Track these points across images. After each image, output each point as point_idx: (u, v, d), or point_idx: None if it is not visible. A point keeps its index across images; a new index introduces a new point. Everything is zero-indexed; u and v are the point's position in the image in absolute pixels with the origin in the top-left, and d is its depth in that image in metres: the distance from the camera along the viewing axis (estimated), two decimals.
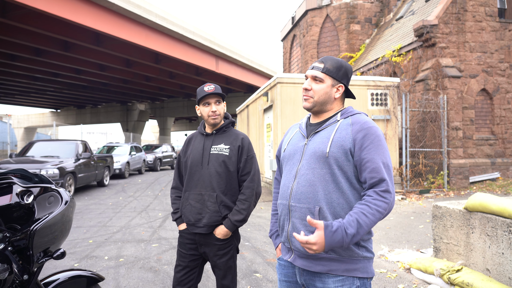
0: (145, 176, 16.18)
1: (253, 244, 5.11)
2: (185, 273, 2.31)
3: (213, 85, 2.33)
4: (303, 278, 1.58)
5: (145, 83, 30.49)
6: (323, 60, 1.63)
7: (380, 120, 9.79)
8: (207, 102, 2.31)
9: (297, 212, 1.54)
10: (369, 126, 1.51)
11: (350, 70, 1.64)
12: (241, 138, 2.35)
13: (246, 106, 14.63)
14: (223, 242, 2.27)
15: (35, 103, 43.11)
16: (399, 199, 8.87)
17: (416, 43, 11.46)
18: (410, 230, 5.89)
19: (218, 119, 2.32)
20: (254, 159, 2.35)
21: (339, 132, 1.53)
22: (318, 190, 1.50)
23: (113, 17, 17.73)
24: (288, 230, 1.57)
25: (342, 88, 1.62)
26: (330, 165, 1.50)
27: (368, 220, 1.39)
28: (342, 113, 1.61)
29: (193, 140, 2.43)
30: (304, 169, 1.55)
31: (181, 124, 60.51)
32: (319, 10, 17.55)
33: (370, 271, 1.54)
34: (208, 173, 2.27)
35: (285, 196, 1.61)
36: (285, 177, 1.65)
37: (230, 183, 2.29)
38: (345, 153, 1.49)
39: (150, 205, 8.52)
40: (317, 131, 1.60)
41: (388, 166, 1.47)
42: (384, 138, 1.53)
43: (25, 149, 10.21)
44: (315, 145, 1.56)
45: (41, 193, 1.81)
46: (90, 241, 5.28)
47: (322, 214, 1.49)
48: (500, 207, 3.03)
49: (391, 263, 4.24)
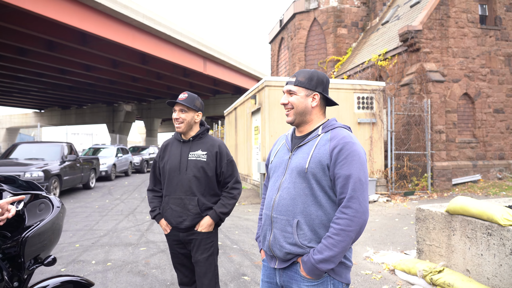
0: (132, 178, 16.03)
1: (241, 247, 5.15)
2: (184, 270, 2.49)
3: (188, 94, 2.46)
4: (281, 279, 1.66)
5: (132, 84, 30.20)
6: (296, 74, 1.71)
7: (366, 123, 9.96)
8: (175, 109, 2.45)
9: (278, 224, 1.62)
10: (345, 141, 1.56)
11: (323, 79, 1.70)
12: (218, 145, 2.48)
13: (234, 108, 14.66)
14: (204, 237, 2.39)
15: (17, 103, 42.20)
16: (384, 201, 9.04)
17: (401, 48, 11.70)
18: (394, 232, 6.03)
19: (181, 127, 2.42)
20: (233, 163, 2.52)
21: (318, 148, 1.60)
22: (298, 204, 1.59)
23: (100, 17, 17.53)
24: (270, 240, 1.66)
25: (317, 97, 1.68)
26: (309, 180, 1.58)
27: (334, 241, 1.48)
28: (323, 126, 1.68)
29: (169, 146, 2.53)
30: (286, 182, 1.64)
31: (169, 125, 60.06)
32: (306, 13, 17.73)
33: (344, 277, 1.60)
34: (187, 178, 2.38)
35: (269, 207, 1.69)
36: (270, 189, 1.74)
37: (208, 186, 2.43)
38: (322, 169, 1.57)
39: (138, 208, 8.47)
40: (300, 146, 1.68)
41: (360, 181, 1.52)
42: (361, 153, 1.58)
43: (8, 151, 10.01)
44: (296, 160, 1.64)
45: (32, 200, 1.82)
46: (76, 245, 5.23)
47: (300, 226, 1.57)
48: (480, 210, 3.15)
49: (376, 265, 4.34)
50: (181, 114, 2.40)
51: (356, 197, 1.50)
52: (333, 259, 1.49)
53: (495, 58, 11.69)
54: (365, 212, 1.51)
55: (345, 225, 1.48)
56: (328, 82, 1.73)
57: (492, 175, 11.46)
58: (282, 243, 1.59)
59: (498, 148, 11.70)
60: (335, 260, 1.50)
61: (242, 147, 13.05)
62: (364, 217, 1.51)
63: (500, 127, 11.74)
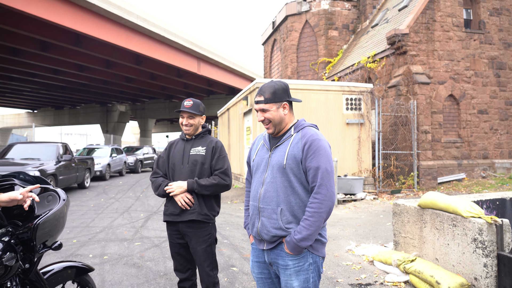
0: (126, 178, 16.21)
1: (231, 241, 5.42)
2: (179, 259, 2.75)
3: (192, 101, 2.78)
4: (269, 257, 1.98)
5: (126, 84, 30.29)
6: (260, 91, 1.98)
7: (354, 124, 10.28)
8: (182, 115, 2.76)
9: (265, 212, 1.95)
10: (313, 139, 1.90)
11: (284, 87, 1.98)
12: (215, 142, 2.82)
13: (227, 109, 14.92)
14: (203, 230, 2.67)
15: (10, 104, 41.98)
16: (371, 199, 9.36)
17: (389, 51, 12.05)
18: (378, 227, 6.34)
19: (189, 130, 2.76)
20: (226, 158, 2.80)
21: (292, 146, 1.93)
22: (280, 195, 1.91)
23: (93, 18, 17.66)
24: (258, 227, 1.98)
25: (287, 105, 1.99)
26: (287, 174, 1.91)
27: (310, 222, 1.82)
28: (295, 127, 2.00)
29: (175, 144, 2.89)
30: (269, 177, 1.96)
31: (162, 126, 60.10)
32: (298, 16, 18.04)
33: (321, 251, 1.95)
34: (188, 170, 2.72)
35: (255, 199, 2.01)
36: (255, 183, 2.05)
37: (204, 176, 2.73)
38: (297, 163, 1.90)
39: (132, 206, 8.70)
40: (277, 145, 1.99)
41: (327, 171, 1.85)
42: (327, 147, 1.90)
43: (4, 151, 10.17)
44: (276, 158, 1.96)
45: (41, 193, 2.07)
46: (74, 240, 5.46)
47: (283, 213, 1.90)
48: (446, 204, 3.46)
49: (357, 257, 4.64)
50: (190, 120, 2.73)
51: (324, 184, 1.83)
52: (310, 237, 1.82)
53: (479, 60, 12.09)
54: (332, 196, 1.84)
55: (317, 208, 1.82)
56: (288, 87, 2.02)
57: (476, 174, 11.85)
58: (269, 228, 1.92)
59: (482, 148, 12.10)
60: (312, 238, 1.83)
61: (235, 147, 13.31)
62: (332, 200, 1.85)
63: (484, 127, 12.14)
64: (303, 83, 10.38)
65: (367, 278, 3.88)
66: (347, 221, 6.91)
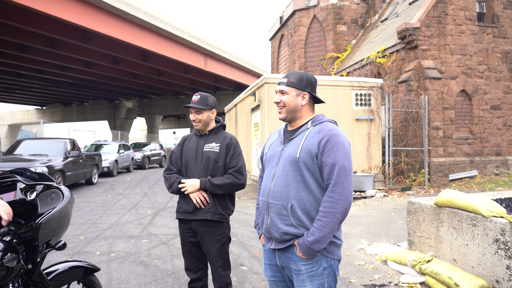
0: (133, 174, 16.22)
1: (240, 239, 5.32)
2: (191, 258, 2.64)
3: (200, 96, 2.66)
4: (281, 261, 1.85)
5: (133, 81, 30.30)
6: (287, 75, 1.90)
7: (364, 120, 10.10)
8: (190, 111, 2.66)
9: (274, 208, 1.81)
10: (332, 133, 1.76)
11: (312, 80, 1.89)
12: (230, 138, 2.69)
13: (234, 105, 14.81)
14: (216, 230, 2.57)
15: (19, 100, 42.34)
16: (382, 196, 9.20)
17: (399, 45, 11.81)
18: (389, 225, 6.19)
19: (198, 125, 2.65)
20: (240, 156, 2.66)
21: (307, 140, 1.79)
22: (291, 190, 1.77)
23: (101, 14, 17.61)
24: (267, 223, 1.85)
25: (307, 96, 1.88)
26: (300, 168, 1.77)
27: (323, 222, 1.68)
28: (312, 121, 1.87)
29: (188, 139, 2.78)
30: (280, 171, 1.82)
31: (170, 122, 60.20)
32: (306, 10, 17.81)
33: (336, 254, 1.80)
34: (201, 168, 2.60)
35: (265, 194, 1.88)
36: (265, 178, 1.92)
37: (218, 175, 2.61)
38: (312, 158, 1.76)
39: (140, 202, 8.65)
40: (291, 138, 1.87)
41: (344, 168, 1.71)
42: (346, 144, 1.76)
43: (12, 147, 10.19)
44: (289, 151, 1.83)
45: (44, 190, 1.98)
46: (81, 237, 5.41)
47: (294, 209, 1.77)
48: (465, 202, 3.31)
49: (369, 256, 4.51)
50: (198, 115, 2.62)
51: (340, 183, 1.69)
52: (324, 239, 1.68)
53: (492, 55, 11.80)
54: (348, 196, 1.70)
55: (331, 208, 1.67)
56: (316, 83, 1.91)
57: (489, 171, 11.60)
58: (279, 225, 1.78)
59: (495, 144, 11.84)
60: (326, 240, 1.69)
61: (242, 143, 13.21)
62: (348, 200, 1.70)
63: (497, 123, 11.87)
64: None
65: (381, 278, 3.76)
66: (357, 218, 6.78)
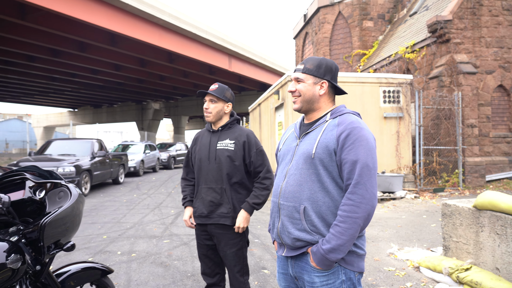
0: (159, 174, 16.42)
1: (262, 241, 5.16)
2: (207, 262, 2.49)
3: (218, 85, 2.48)
4: (294, 270, 1.64)
5: (160, 82, 30.84)
6: (304, 61, 1.68)
7: (392, 117, 9.68)
8: (205, 99, 2.47)
9: (285, 210, 1.60)
10: (353, 126, 1.52)
11: (332, 66, 1.66)
12: (246, 134, 2.46)
13: (258, 104, 14.67)
14: (234, 233, 2.39)
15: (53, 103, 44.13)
16: (412, 198, 8.77)
17: (430, 39, 11.27)
18: (421, 228, 5.84)
19: (209, 116, 2.46)
20: (264, 152, 2.47)
21: (325, 134, 1.57)
22: (304, 190, 1.56)
23: (127, 18, 17.98)
24: (278, 227, 1.64)
25: (325, 84, 1.65)
26: (315, 166, 1.55)
27: (341, 228, 1.44)
28: (332, 112, 1.64)
29: (200, 137, 2.58)
30: (293, 169, 1.61)
31: (195, 123, 60.95)
32: (331, 7, 17.42)
33: (357, 266, 1.56)
34: (215, 168, 2.40)
35: (276, 195, 1.68)
36: (277, 176, 1.72)
37: (236, 175, 2.40)
38: (329, 154, 1.53)
39: (163, 202, 8.67)
40: (307, 132, 1.65)
41: (367, 166, 1.47)
42: (370, 138, 1.53)
43: (43, 147, 10.51)
44: (304, 147, 1.61)
45: (52, 188, 1.89)
46: (104, 236, 5.43)
47: (307, 213, 1.54)
48: (510, 205, 2.99)
49: (400, 262, 4.22)
50: (211, 104, 2.44)
51: (362, 183, 1.45)
52: (342, 248, 1.45)
53: None
54: (372, 198, 1.46)
55: (351, 212, 1.44)
56: (337, 70, 1.69)
57: None
58: (290, 229, 1.57)
59: None
60: (343, 249, 1.46)
61: (266, 142, 13.04)
62: (372, 203, 1.46)
63: None
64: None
65: (414, 287, 3.48)
66: (386, 221, 6.45)
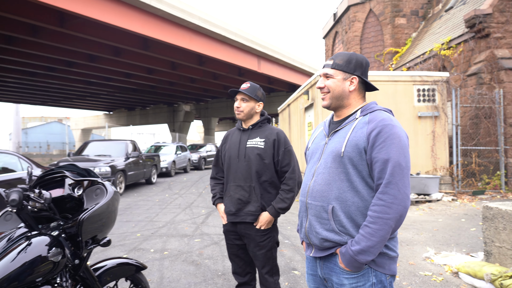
0: (190, 174, 16.73)
1: (292, 242, 5.12)
2: (238, 261, 2.50)
3: (249, 84, 2.49)
4: (322, 271, 1.61)
5: (190, 85, 31.44)
6: (333, 56, 1.64)
7: (427, 117, 9.33)
8: (236, 98, 2.48)
9: (312, 210, 1.58)
10: (384, 123, 1.47)
11: (362, 61, 1.62)
12: (276, 133, 2.45)
13: (288, 105, 14.61)
14: (263, 234, 2.38)
15: (90, 106, 46.10)
16: (449, 200, 8.40)
17: (467, 35, 10.76)
18: (460, 232, 5.57)
19: (240, 115, 2.47)
20: (292, 152, 2.45)
21: (355, 131, 1.53)
22: (333, 189, 1.52)
23: (159, 22, 18.48)
24: (306, 227, 1.62)
25: (356, 80, 1.61)
26: (345, 165, 1.51)
27: (371, 229, 1.40)
28: (362, 109, 1.60)
29: (231, 135, 2.60)
30: (321, 168, 1.58)
31: (225, 124, 61.65)
32: (361, 5, 17.06)
33: (388, 268, 1.50)
34: (244, 166, 2.40)
35: (304, 194, 1.65)
36: (306, 175, 1.69)
37: (266, 174, 2.40)
38: (359, 153, 1.49)
39: (194, 202, 8.82)
40: (336, 130, 1.61)
41: (400, 165, 1.42)
42: (402, 136, 1.47)
43: (81, 148, 11.00)
44: (332, 145, 1.58)
45: (89, 186, 1.97)
46: (138, 234, 5.59)
47: (335, 213, 1.51)
48: None
49: (437, 266, 4.05)
50: (242, 103, 2.45)
51: (394, 183, 1.40)
52: (372, 249, 1.41)
53: None
54: (404, 199, 1.40)
55: (382, 213, 1.40)
56: (367, 65, 1.64)
57: None
58: (318, 229, 1.55)
59: None
60: (373, 251, 1.41)
61: (296, 143, 12.96)
62: (404, 204, 1.40)
63: None
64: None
65: None
66: (421, 224, 6.21)
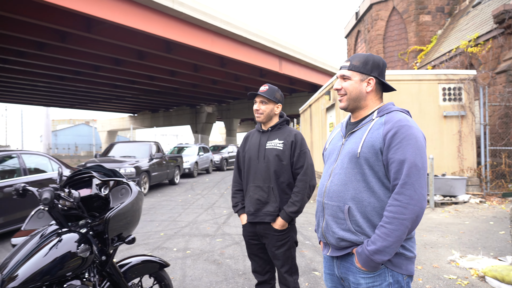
0: (212, 175, 16.92)
1: (313, 243, 5.11)
2: (257, 260, 2.55)
3: (268, 86, 2.54)
4: (339, 271, 1.63)
5: (212, 86, 31.81)
6: (350, 58, 1.65)
7: (453, 116, 9.07)
8: (255, 100, 2.53)
9: (329, 210, 1.60)
10: (401, 124, 1.48)
11: (379, 62, 1.62)
12: (294, 134, 2.49)
13: (309, 105, 14.55)
14: (281, 233, 2.42)
15: (116, 109, 47.42)
16: (477, 202, 8.13)
17: (496, 31, 10.39)
18: (488, 235, 5.40)
19: (260, 117, 2.51)
20: (307, 154, 2.47)
21: (371, 132, 1.54)
22: (349, 189, 1.54)
23: (181, 25, 18.82)
24: (323, 226, 1.64)
25: (373, 81, 1.61)
26: (361, 165, 1.53)
27: (387, 230, 1.42)
28: (379, 110, 1.61)
29: (250, 136, 2.65)
30: (338, 168, 1.60)
31: (247, 125, 61.92)
32: (384, 3, 16.76)
33: (405, 268, 1.51)
34: (264, 167, 2.45)
35: (321, 194, 1.68)
36: (323, 175, 1.72)
37: (283, 175, 2.44)
38: (375, 153, 1.51)
39: (216, 202, 8.93)
40: (353, 131, 1.63)
41: (416, 166, 1.43)
42: (419, 137, 1.48)
43: (107, 150, 11.36)
44: (349, 146, 1.60)
45: (115, 186, 2.07)
46: (161, 233, 5.73)
47: (351, 213, 1.53)
48: None
49: (462, 270, 3.95)
50: (262, 106, 2.50)
51: (410, 183, 1.41)
52: (388, 249, 1.42)
53: None
54: (420, 200, 1.41)
55: (398, 213, 1.41)
56: (384, 66, 1.65)
57: None
58: (335, 229, 1.57)
59: None
60: (390, 251, 1.42)
61: (317, 144, 12.88)
62: (420, 205, 1.41)
63: None
64: (391, 73, 9.47)
65: None
66: (447, 226, 6.05)
